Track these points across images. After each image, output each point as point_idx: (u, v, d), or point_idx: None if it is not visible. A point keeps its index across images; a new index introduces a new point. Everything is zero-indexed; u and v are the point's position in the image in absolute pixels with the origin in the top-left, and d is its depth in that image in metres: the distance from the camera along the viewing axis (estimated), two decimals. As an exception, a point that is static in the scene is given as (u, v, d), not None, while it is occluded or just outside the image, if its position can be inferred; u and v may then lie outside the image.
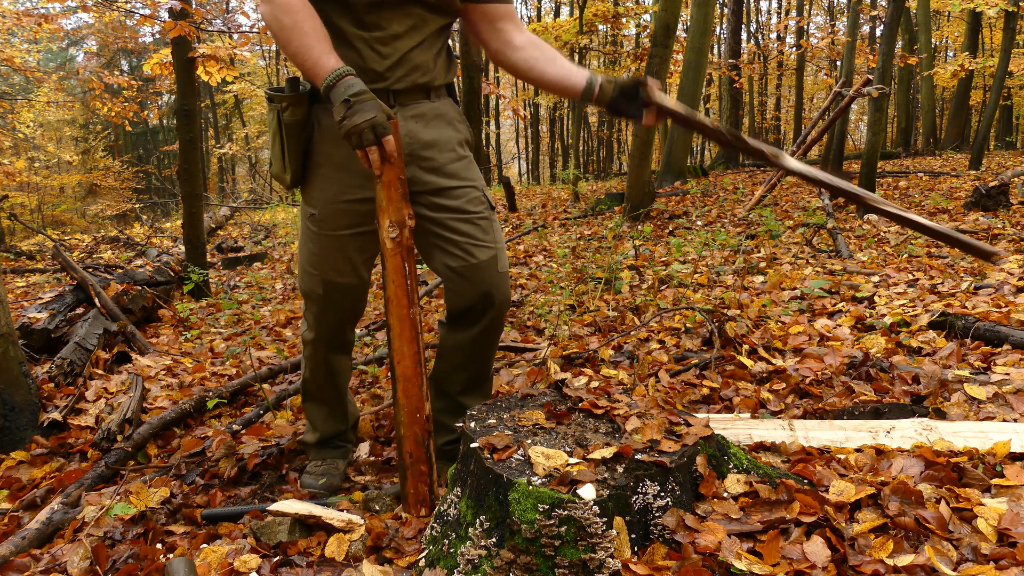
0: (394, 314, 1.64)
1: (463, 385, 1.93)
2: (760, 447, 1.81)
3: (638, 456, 1.39)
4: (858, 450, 1.76)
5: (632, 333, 3.15)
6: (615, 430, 1.54)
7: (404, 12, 1.65)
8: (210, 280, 5.91)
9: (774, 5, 31.18)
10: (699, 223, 7.25)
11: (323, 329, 1.90)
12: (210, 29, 6.74)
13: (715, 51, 19.39)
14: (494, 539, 1.32)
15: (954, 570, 1.24)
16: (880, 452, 1.71)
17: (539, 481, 1.31)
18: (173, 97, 13.54)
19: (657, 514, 1.35)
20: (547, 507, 1.26)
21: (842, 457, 1.71)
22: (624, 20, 12.18)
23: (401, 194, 1.61)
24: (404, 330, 1.64)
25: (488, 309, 1.79)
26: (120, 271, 5.20)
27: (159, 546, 1.67)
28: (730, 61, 14.93)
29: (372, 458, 2.08)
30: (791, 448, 1.77)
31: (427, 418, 1.68)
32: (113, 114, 10.00)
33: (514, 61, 1.76)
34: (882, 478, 1.53)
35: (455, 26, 1.86)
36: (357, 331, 3.68)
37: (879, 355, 2.54)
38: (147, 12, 6.45)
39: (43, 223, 19.24)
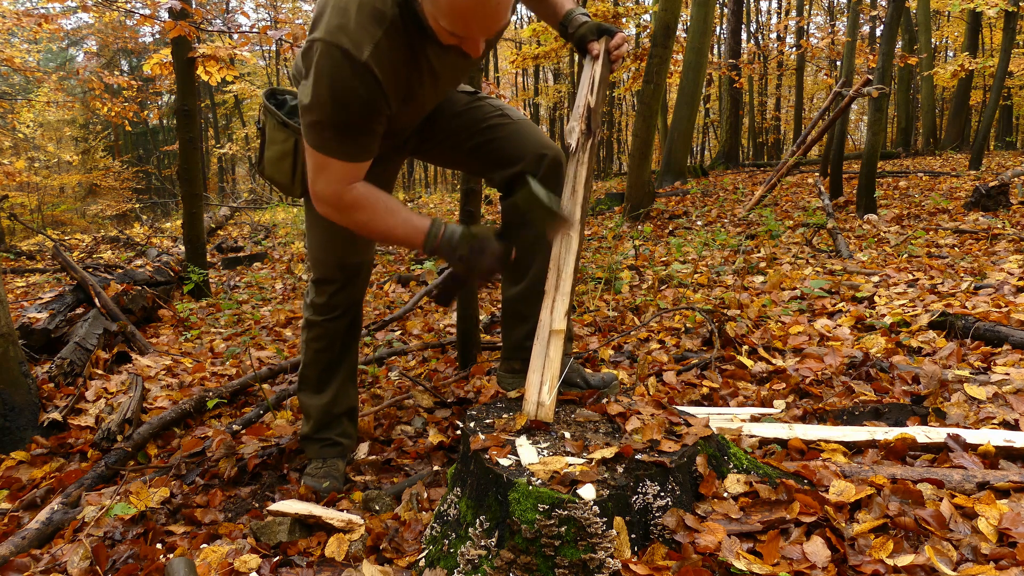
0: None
1: (539, 253, 1.86)
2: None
3: (638, 456, 1.39)
4: (858, 451, 1.76)
5: (632, 333, 3.15)
6: (615, 430, 1.54)
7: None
8: (210, 280, 5.91)
9: (774, 5, 31.18)
10: (699, 223, 7.25)
11: (341, 306, 1.99)
12: (210, 29, 6.73)
13: (715, 51, 19.39)
14: (494, 539, 1.32)
15: (954, 570, 1.24)
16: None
17: (539, 481, 1.32)
18: (173, 97, 13.53)
19: (657, 514, 1.35)
20: (547, 507, 1.26)
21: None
22: (624, 20, 12.17)
23: None
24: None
25: (542, 160, 1.83)
26: (120, 271, 5.20)
27: (159, 546, 1.67)
28: (730, 61, 14.93)
29: (372, 457, 2.08)
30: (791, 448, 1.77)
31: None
32: (113, 114, 9.99)
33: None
34: (882, 478, 1.53)
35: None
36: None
37: (879, 355, 2.54)
38: (147, 12, 6.44)
39: (43, 223, 19.25)
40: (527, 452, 1.42)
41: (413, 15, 1.47)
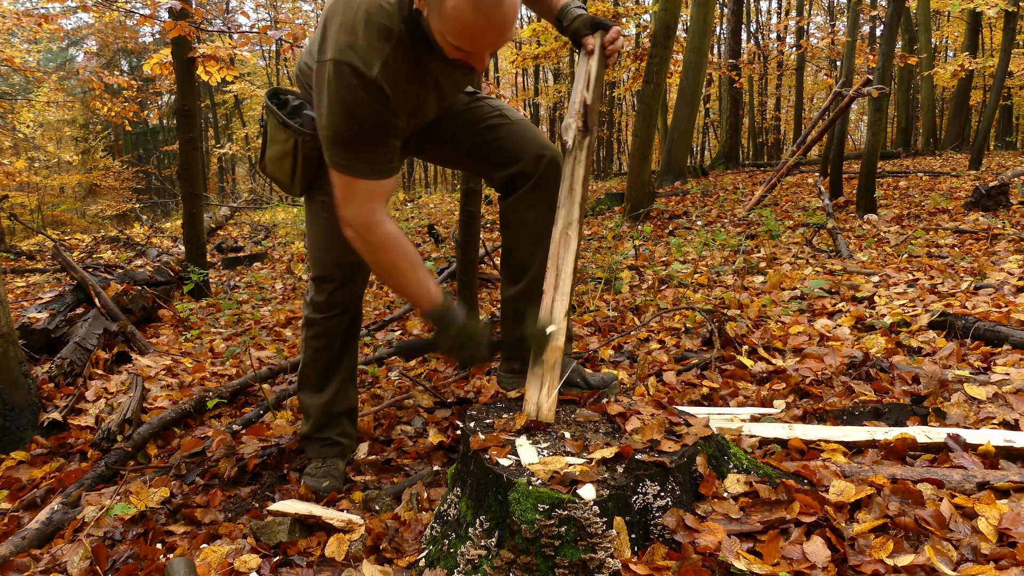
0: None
1: (538, 253, 1.85)
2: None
3: (638, 456, 1.39)
4: (858, 451, 1.76)
5: (632, 333, 3.15)
6: (615, 430, 1.54)
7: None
8: (210, 280, 5.91)
9: (774, 5, 31.18)
10: (699, 223, 7.25)
11: (340, 304, 1.98)
12: (210, 29, 6.73)
13: (715, 51, 19.38)
14: (494, 539, 1.32)
15: (954, 570, 1.24)
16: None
17: (539, 481, 1.31)
18: (173, 97, 13.54)
19: (657, 514, 1.35)
20: (547, 507, 1.26)
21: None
22: (624, 20, 12.18)
23: None
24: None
25: (540, 160, 1.83)
26: (120, 271, 5.20)
27: (159, 546, 1.67)
28: (730, 61, 14.92)
29: (372, 457, 2.08)
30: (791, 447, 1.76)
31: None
32: (113, 114, 9.98)
33: None
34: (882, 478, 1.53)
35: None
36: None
37: (879, 355, 2.54)
38: (147, 12, 6.45)
39: (43, 223, 19.26)
40: (527, 452, 1.42)
41: (419, 31, 1.47)
